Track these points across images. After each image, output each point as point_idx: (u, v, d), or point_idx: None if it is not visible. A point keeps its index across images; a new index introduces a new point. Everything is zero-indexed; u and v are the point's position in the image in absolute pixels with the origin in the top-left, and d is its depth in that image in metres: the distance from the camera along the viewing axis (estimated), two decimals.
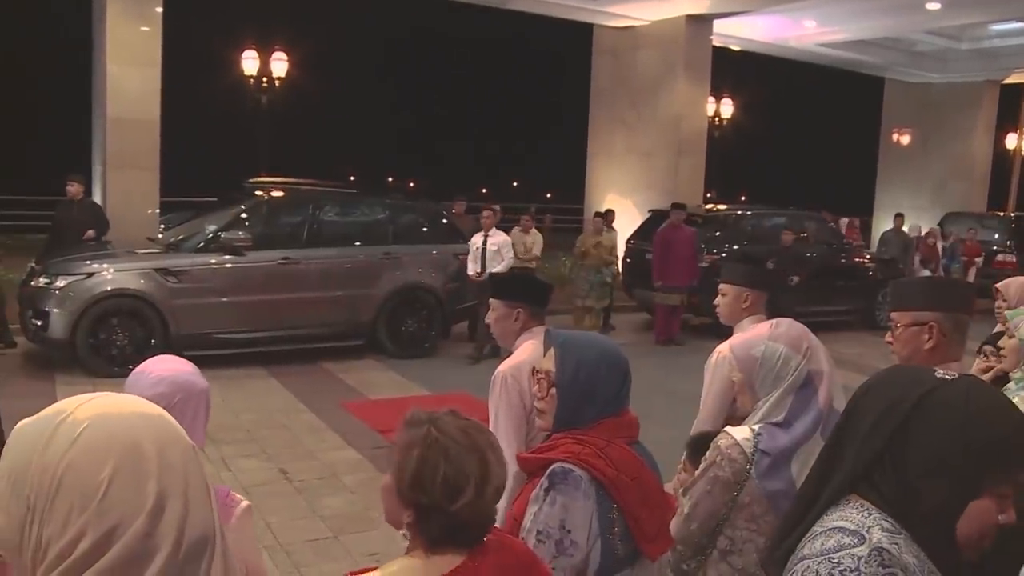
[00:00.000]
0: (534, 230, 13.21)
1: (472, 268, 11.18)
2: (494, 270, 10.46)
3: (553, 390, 2.37)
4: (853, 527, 1.39)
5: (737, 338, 2.96)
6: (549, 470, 2.27)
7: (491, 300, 3.64)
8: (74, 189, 11.37)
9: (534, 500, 2.28)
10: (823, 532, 1.42)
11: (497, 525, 2.88)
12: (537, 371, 2.46)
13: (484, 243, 11.15)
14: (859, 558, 1.34)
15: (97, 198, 13.15)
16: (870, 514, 1.41)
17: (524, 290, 3.62)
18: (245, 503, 2.13)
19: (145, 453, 1.06)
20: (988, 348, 3.39)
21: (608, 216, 14.35)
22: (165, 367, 2.22)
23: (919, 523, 1.39)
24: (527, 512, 2.29)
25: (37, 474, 1.03)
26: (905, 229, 18.87)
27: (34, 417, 1.09)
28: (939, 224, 20.28)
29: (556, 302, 9.89)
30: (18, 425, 1.09)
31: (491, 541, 1.86)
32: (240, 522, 2.07)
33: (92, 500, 1.02)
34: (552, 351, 2.42)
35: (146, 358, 2.37)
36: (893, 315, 2.76)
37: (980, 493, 1.36)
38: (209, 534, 1.09)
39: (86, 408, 1.09)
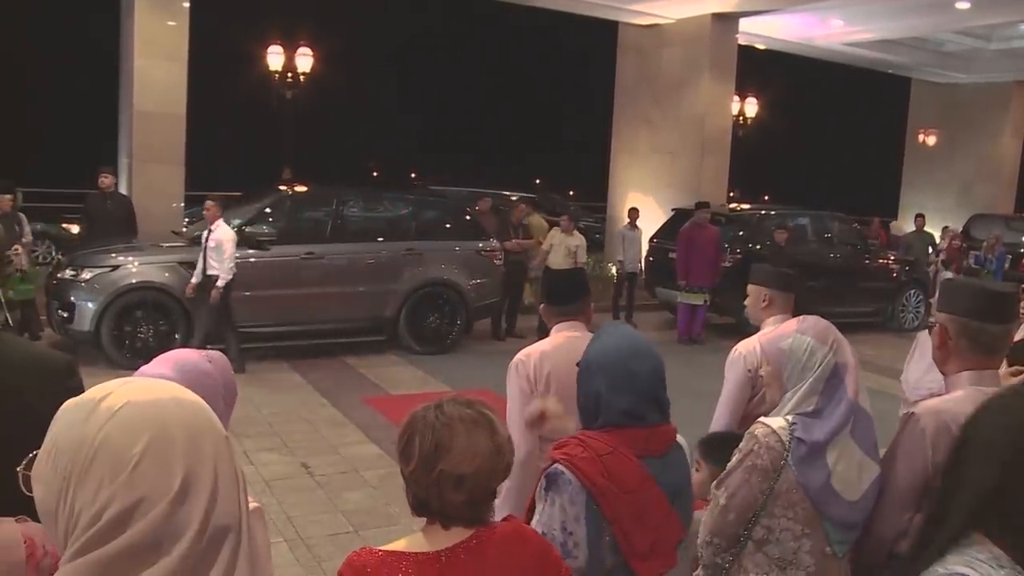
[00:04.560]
0: (575, 232, 13.17)
1: (196, 272, 9.71)
2: (212, 272, 9.53)
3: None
4: None
5: (766, 333, 2.98)
6: (547, 470, 2.29)
7: None
8: (107, 181, 11.53)
9: (538, 499, 2.30)
10: (943, 575, 1.31)
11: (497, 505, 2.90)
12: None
13: (205, 239, 9.70)
14: None
15: (123, 191, 13.23)
16: (1001, 567, 1.28)
17: (544, 286, 3.76)
18: (253, 505, 2.09)
19: (176, 437, 1.10)
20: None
21: (632, 214, 14.31)
22: (191, 359, 2.22)
23: None
24: (535, 509, 2.31)
25: (74, 446, 1.09)
26: (928, 230, 18.73)
27: (78, 397, 1.15)
28: (966, 225, 20.08)
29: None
30: (63, 404, 1.15)
31: (503, 527, 1.90)
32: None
33: (122, 472, 1.06)
34: None
35: (171, 349, 2.38)
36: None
37: None
38: (234, 523, 1.12)
39: (126, 389, 1.14)
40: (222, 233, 9.58)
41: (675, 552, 2.36)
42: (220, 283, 9.47)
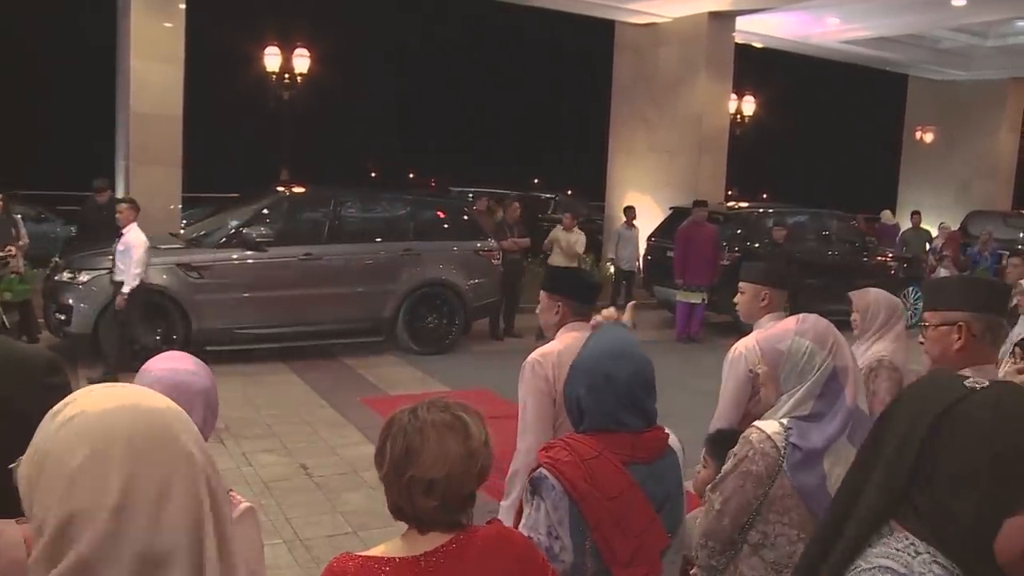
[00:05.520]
0: (576, 229, 13.30)
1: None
2: (118, 277, 9.11)
3: None
4: (902, 569, 1.29)
5: (763, 332, 2.96)
6: (533, 474, 2.28)
7: (540, 292, 3.69)
8: (103, 197, 11.75)
9: (525, 503, 2.28)
10: (868, 570, 1.32)
11: (507, 507, 2.88)
12: None
13: (116, 243, 9.28)
14: None
15: (120, 193, 13.23)
16: (918, 553, 1.30)
17: (566, 285, 3.65)
18: (245, 505, 2.10)
19: (116, 450, 1.05)
20: (1019, 350, 3.33)
21: (628, 213, 14.33)
22: (164, 366, 2.20)
23: (957, 546, 1.28)
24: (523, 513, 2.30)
25: (32, 454, 1.07)
26: (925, 227, 18.77)
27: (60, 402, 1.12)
28: (963, 223, 20.10)
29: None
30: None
31: (485, 530, 1.90)
32: (237, 524, 2.05)
33: (60, 488, 1.03)
34: None
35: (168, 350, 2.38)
36: (925, 315, 2.73)
37: (1017, 509, 1.25)
38: (180, 547, 1.05)
39: (88, 397, 1.10)
40: (133, 237, 9.11)
41: (659, 560, 2.33)
42: (125, 289, 9.01)
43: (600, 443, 2.28)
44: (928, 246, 18.24)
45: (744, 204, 16.46)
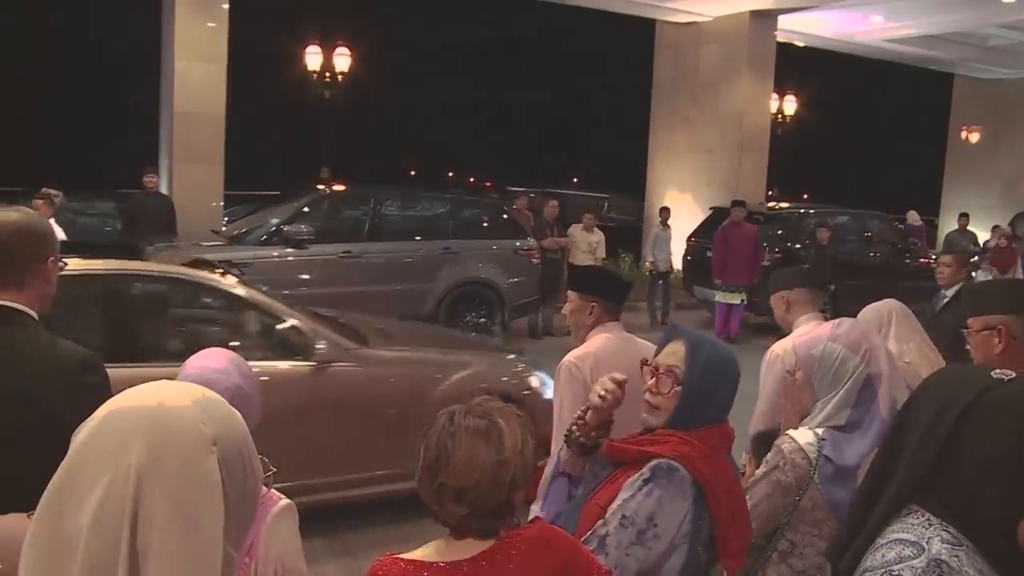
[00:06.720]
0: (596, 229, 13.20)
1: None
2: None
3: (677, 387, 2.29)
4: (913, 538, 1.34)
5: (800, 336, 2.94)
6: (655, 463, 2.21)
7: (568, 292, 3.61)
8: (152, 181, 11.89)
9: (629, 487, 2.22)
10: (885, 544, 1.38)
11: (538, 513, 2.84)
12: (658, 366, 2.36)
13: None
14: (917, 570, 1.30)
15: (163, 191, 13.41)
16: (931, 525, 1.36)
17: (601, 285, 3.58)
18: (284, 502, 2.13)
19: (90, 456, 1.03)
20: None
21: (663, 214, 14.26)
22: (195, 363, 2.22)
23: (981, 530, 1.33)
24: (619, 496, 2.24)
25: None
26: (971, 229, 18.49)
27: None
28: (1010, 224, 19.78)
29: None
30: None
31: (528, 532, 1.88)
32: (276, 521, 2.08)
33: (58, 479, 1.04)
34: (678, 347, 2.35)
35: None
36: (968, 320, 2.70)
37: None
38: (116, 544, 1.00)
39: (122, 395, 1.10)
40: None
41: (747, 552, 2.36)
42: None
43: (707, 438, 2.27)
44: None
45: (785, 204, 16.32)
